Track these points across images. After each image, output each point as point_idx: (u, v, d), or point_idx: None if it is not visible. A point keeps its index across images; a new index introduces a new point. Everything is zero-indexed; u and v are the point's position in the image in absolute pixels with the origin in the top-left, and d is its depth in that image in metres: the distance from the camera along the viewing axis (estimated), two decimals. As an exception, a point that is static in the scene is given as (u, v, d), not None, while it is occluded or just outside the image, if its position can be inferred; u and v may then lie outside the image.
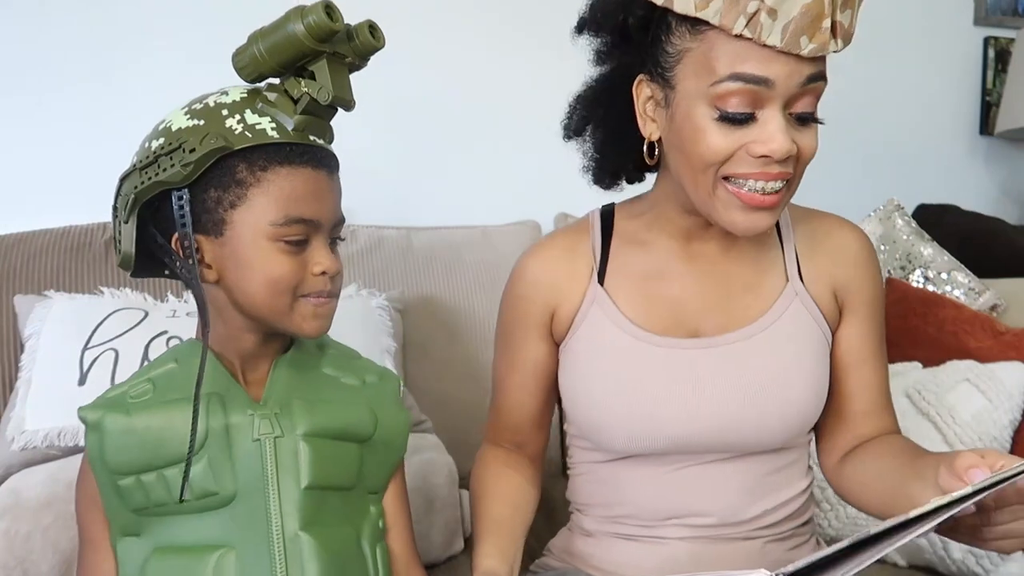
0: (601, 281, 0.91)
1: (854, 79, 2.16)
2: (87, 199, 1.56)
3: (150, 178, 0.74)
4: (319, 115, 0.77)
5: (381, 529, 0.84)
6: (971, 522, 0.69)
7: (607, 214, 0.96)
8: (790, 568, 0.51)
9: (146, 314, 1.25)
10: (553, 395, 0.98)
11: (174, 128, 0.75)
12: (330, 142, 0.81)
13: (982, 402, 1.37)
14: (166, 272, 0.82)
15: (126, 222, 0.77)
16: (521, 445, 1.00)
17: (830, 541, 1.33)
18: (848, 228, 0.94)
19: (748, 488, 0.89)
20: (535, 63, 1.78)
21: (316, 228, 0.77)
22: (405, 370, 1.45)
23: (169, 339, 1.22)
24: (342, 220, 0.82)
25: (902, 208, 1.88)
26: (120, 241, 0.78)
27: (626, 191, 0.97)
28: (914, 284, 1.76)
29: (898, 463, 0.83)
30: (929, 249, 1.81)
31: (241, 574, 0.73)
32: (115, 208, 0.79)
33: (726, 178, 0.79)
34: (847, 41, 0.76)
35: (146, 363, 1.19)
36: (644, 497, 0.91)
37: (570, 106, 0.92)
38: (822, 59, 0.77)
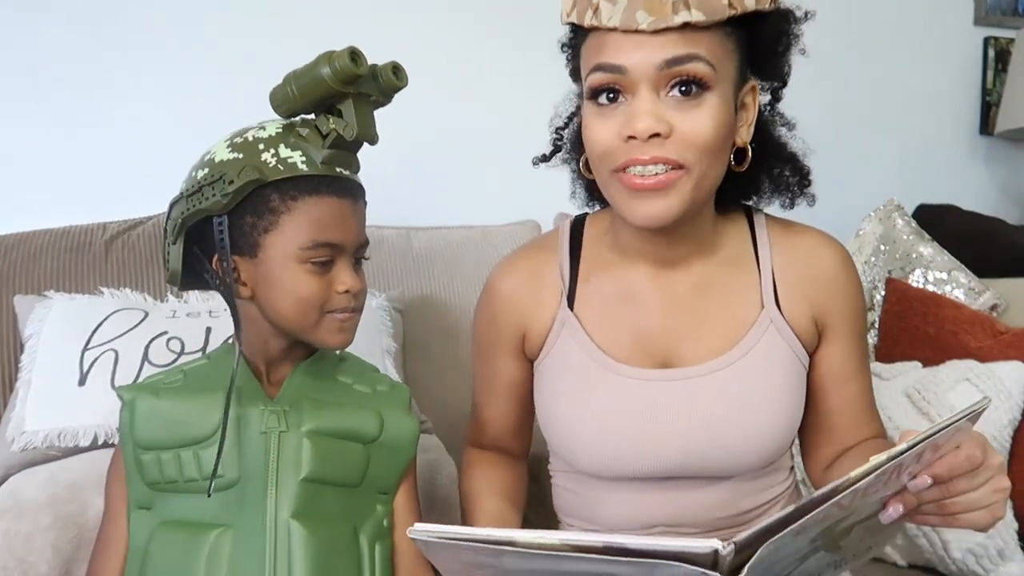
0: (571, 304, 0.90)
1: (854, 79, 2.16)
2: (87, 199, 1.57)
3: (194, 205, 0.83)
4: (345, 149, 0.85)
5: (385, 528, 0.88)
6: (933, 496, 0.68)
7: (576, 227, 0.95)
8: (741, 536, 0.52)
9: (146, 315, 1.24)
10: (531, 406, 0.98)
11: (217, 160, 0.83)
12: (356, 172, 0.88)
13: (982, 402, 1.37)
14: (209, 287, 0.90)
15: (174, 243, 0.86)
16: (503, 450, 1.01)
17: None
18: (826, 246, 0.90)
19: (729, 502, 0.89)
20: (535, 63, 1.78)
21: (340, 251, 0.85)
22: (405, 370, 1.45)
23: (169, 340, 1.22)
24: (366, 242, 0.90)
25: (902, 208, 1.88)
26: (168, 260, 0.87)
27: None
28: (914, 284, 1.76)
29: None
30: (929, 249, 1.81)
31: (236, 551, 0.81)
32: (165, 230, 0.88)
33: (616, 172, 0.79)
34: (713, 13, 0.74)
35: (146, 364, 1.19)
36: (623, 513, 0.91)
37: (554, 136, 0.96)
38: (692, 40, 0.75)
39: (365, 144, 0.87)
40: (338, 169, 0.85)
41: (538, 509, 1.18)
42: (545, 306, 0.91)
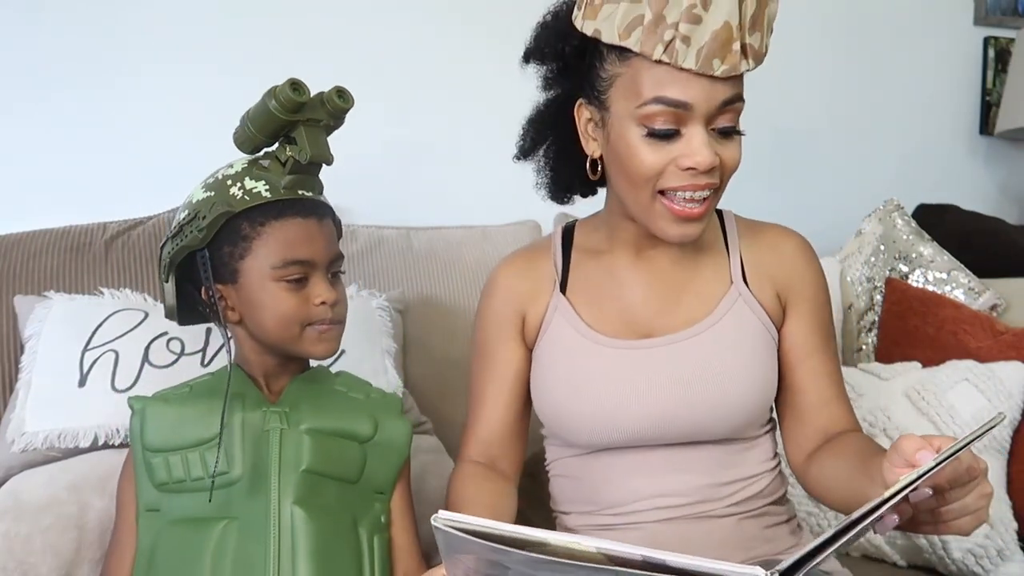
0: (564, 290, 0.99)
1: (854, 79, 2.16)
2: (87, 199, 1.57)
3: (178, 244, 0.91)
4: (305, 172, 0.92)
5: (383, 523, 0.94)
6: (929, 506, 0.71)
7: (568, 230, 1.05)
8: (784, 564, 0.51)
9: (146, 315, 1.24)
10: (528, 407, 1.03)
11: (194, 201, 0.92)
12: (319, 193, 0.95)
13: (982, 402, 1.37)
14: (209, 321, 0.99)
15: (166, 281, 0.95)
16: (497, 460, 1.01)
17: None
18: (787, 233, 1.01)
19: (713, 467, 0.95)
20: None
21: (312, 266, 0.92)
22: (405, 370, 1.45)
23: (169, 340, 1.22)
24: (339, 257, 0.96)
25: (902, 208, 1.88)
26: (164, 296, 0.96)
27: (580, 204, 1.04)
28: (914, 284, 1.76)
29: (853, 464, 0.86)
30: (929, 249, 1.81)
31: (241, 540, 0.86)
32: (159, 270, 0.96)
33: (661, 192, 0.87)
34: (759, 61, 0.85)
35: (147, 365, 1.19)
36: (616, 485, 0.96)
37: (523, 128, 1.02)
38: (738, 82, 0.85)
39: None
40: (300, 192, 0.92)
41: (538, 509, 1.18)
42: (541, 293, 1.00)
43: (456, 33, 1.82)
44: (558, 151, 0.99)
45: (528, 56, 0.97)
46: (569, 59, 0.92)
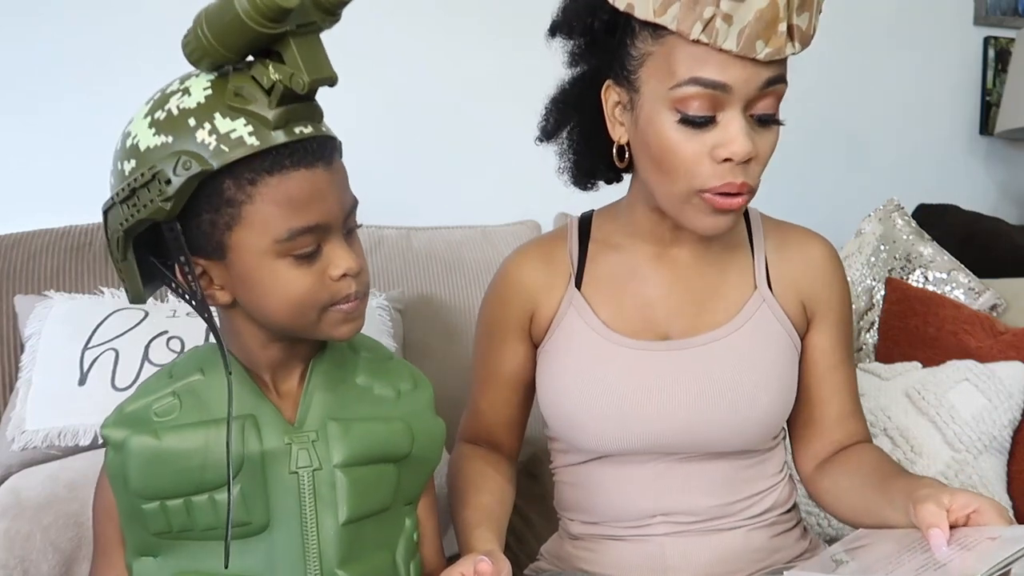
0: (579, 285, 0.94)
1: (854, 79, 2.16)
2: (87, 199, 1.56)
3: (133, 215, 0.66)
4: (300, 100, 0.65)
5: (415, 542, 0.80)
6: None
7: (585, 220, 0.99)
8: None
9: (146, 314, 1.25)
10: (530, 398, 1.00)
11: (142, 147, 0.66)
12: (320, 121, 0.69)
13: (982, 402, 1.37)
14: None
15: (123, 260, 0.69)
16: (496, 446, 1.01)
17: (830, 541, 1.33)
18: (816, 240, 0.96)
19: (724, 485, 0.92)
20: (535, 62, 1.78)
21: (327, 231, 0.68)
22: (405, 370, 1.45)
23: (169, 339, 1.22)
24: (354, 205, 0.72)
25: (902, 208, 1.88)
26: (124, 279, 0.71)
27: (604, 191, 0.99)
28: (914, 284, 1.76)
29: (870, 482, 0.85)
30: (929, 249, 1.81)
31: None
32: (108, 244, 0.70)
33: (699, 191, 0.81)
34: (805, 44, 0.79)
35: (146, 363, 1.19)
36: (622, 498, 0.93)
37: (545, 108, 0.95)
38: (782, 62, 0.79)
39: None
40: (297, 129, 0.65)
41: (539, 509, 1.18)
42: (554, 288, 0.95)
43: (457, 34, 1.82)
44: (582, 134, 0.93)
45: (554, 30, 0.90)
46: (598, 35, 0.85)
